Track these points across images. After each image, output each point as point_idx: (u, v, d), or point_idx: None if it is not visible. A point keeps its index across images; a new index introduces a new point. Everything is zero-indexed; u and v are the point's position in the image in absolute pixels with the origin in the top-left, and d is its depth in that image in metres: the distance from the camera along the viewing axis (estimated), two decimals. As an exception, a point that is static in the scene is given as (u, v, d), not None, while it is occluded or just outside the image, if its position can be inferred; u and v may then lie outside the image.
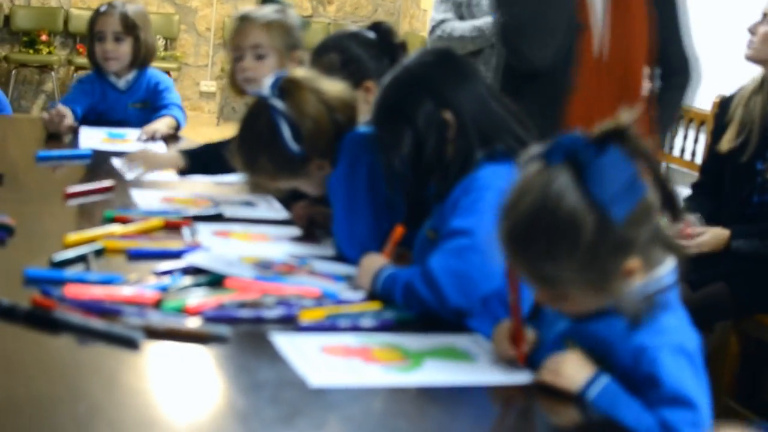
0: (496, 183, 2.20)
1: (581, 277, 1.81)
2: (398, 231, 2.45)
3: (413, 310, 2.31)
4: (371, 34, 3.08)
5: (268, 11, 3.58)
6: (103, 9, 4.53)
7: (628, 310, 1.85)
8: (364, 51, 3.03)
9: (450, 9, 4.86)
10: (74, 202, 3.12)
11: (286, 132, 2.59)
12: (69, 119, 4.26)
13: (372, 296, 2.38)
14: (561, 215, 1.77)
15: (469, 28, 4.76)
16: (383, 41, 3.07)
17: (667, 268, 1.88)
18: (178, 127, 4.45)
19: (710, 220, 3.87)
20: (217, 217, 3.03)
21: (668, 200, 1.84)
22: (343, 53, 3.02)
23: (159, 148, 4.08)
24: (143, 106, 4.57)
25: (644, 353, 1.85)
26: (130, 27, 4.49)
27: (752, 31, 3.89)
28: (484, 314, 2.28)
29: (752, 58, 3.91)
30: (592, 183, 1.77)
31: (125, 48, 4.50)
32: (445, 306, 2.26)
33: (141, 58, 4.56)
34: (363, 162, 2.64)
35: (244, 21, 3.57)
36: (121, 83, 4.57)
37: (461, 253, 2.26)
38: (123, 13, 4.48)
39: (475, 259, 2.24)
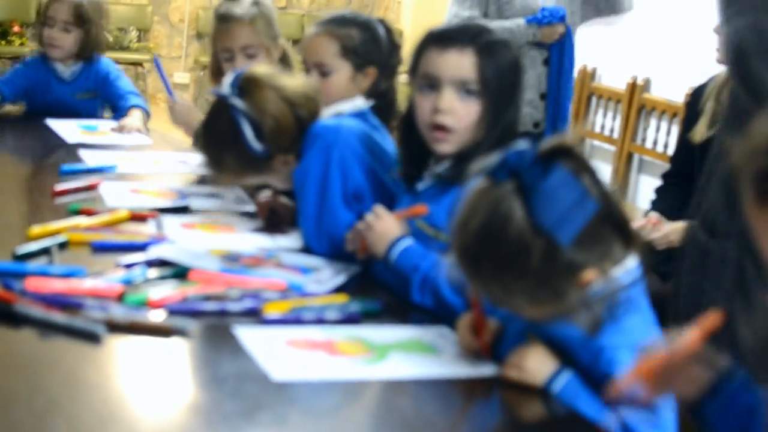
0: None
1: (532, 297, 1.79)
2: (420, 209, 2.42)
3: (426, 301, 2.32)
4: (382, 30, 3.05)
5: (247, 5, 3.55)
6: None
7: (584, 321, 1.83)
8: (379, 38, 3.01)
9: (476, 5, 4.64)
10: (61, 200, 3.10)
11: (248, 131, 2.57)
12: None
13: (379, 267, 2.43)
14: (508, 241, 1.74)
15: (499, 29, 4.47)
16: (388, 37, 3.05)
17: (627, 266, 1.84)
18: (147, 117, 4.43)
19: (680, 209, 3.87)
20: (184, 210, 3.00)
21: (619, 224, 1.81)
22: (365, 33, 2.99)
23: (142, 140, 4.11)
24: (92, 96, 4.54)
25: (602, 353, 1.84)
26: (81, 19, 4.43)
27: (718, 32, 3.86)
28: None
29: (723, 61, 3.87)
30: (538, 207, 1.73)
31: (71, 39, 4.45)
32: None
33: (88, 52, 4.51)
34: (334, 154, 2.62)
35: (230, 21, 3.53)
36: (66, 73, 4.51)
37: None
38: (77, 4, 4.42)
39: None
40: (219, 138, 2.65)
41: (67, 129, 4.17)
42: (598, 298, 1.80)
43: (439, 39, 2.42)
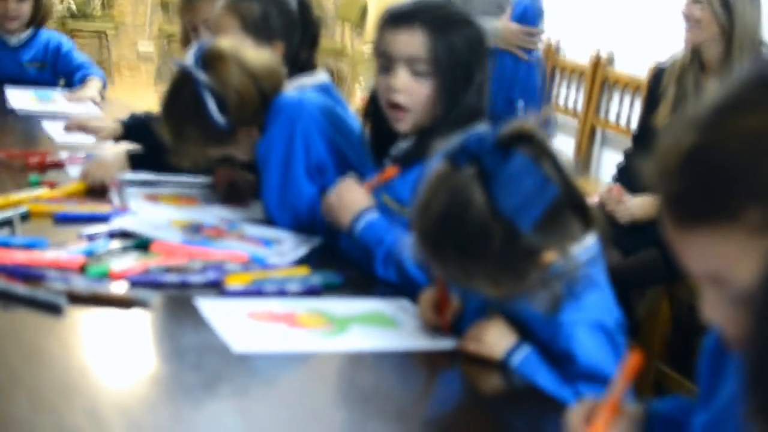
0: None
1: (493, 279, 1.80)
2: (391, 171, 2.43)
3: (390, 275, 2.33)
4: (293, 3, 3.05)
5: None
6: None
7: (544, 299, 1.84)
8: (280, 13, 3.01)
9: None
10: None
11: (211, 104, 2.56)
12: None
13: (344, 238, 2.43)
14: (468, 226, 1.75)
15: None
16: (302, 13, 3.05)
17: (586, 244, 1.85)
18: (104, 87, 4.42)
19: (641, 189, 3.89)
20: (147, 182, 3.00)
21: (578, 206, 1.82)
22: (267, 6, 2.99)
23: (93, 111, 4.06)
24: (41, 66, 4.52)
25: (560, 329, 1.85)
26: None
27: (687, 16, 3.88)
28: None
29: (693, 44, 3.90)
30: (498, 194, 1.74)
31: (26, 7, 4.44)
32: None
33: (39, 18, 4.51)
34: (297, 128, 2.63)
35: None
36: (13, 40, 4.49)
37: None
38: None
39: None
40: (181, 110, 2.64)
41: (20, 97, 4.17)
42: (557, 277, 1.81)
43: (392, 18, 2.42)
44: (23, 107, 3.99)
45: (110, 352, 1.86)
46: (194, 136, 2.63)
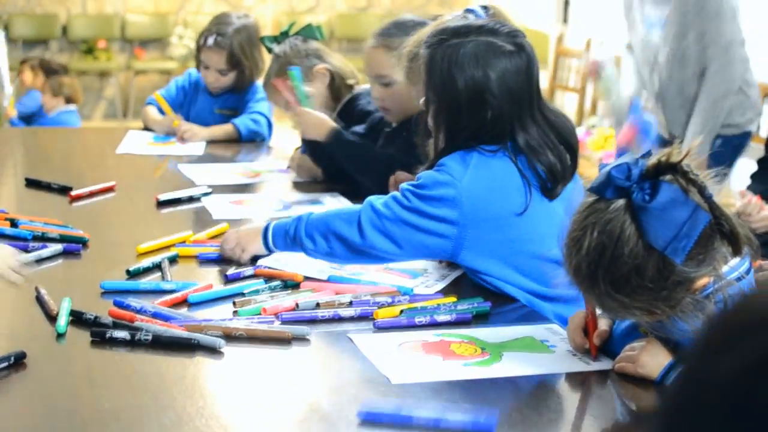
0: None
1: (647, 309, 1.80)
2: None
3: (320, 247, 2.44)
4: None
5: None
6: None
7: (695, 321, 1.82)
8: None
9: None
10: (79, 204, 3.21)
11: None
12: None
13: None
14: (622, 262, 1.76)
15: None
16: None
17: (734, 262, 1.83)
18: (239, 136, 4.50)
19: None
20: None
21: (728, 233, 1.80)
22: None
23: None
24: (232, 114, 4.54)
25: None
26: (234, 63, 4.46)
27: None
28: None
29: None
30: (650, 227, 1.74)
31: (227, 80, 4.50)
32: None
33: (244, 86, 4.55)
34: None
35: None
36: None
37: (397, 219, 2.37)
38: (229, 53, 4.43)
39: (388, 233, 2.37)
40: None
41: (137, 140, 4.32)
42: (709, 297, 1.80)
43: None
44: (137, 150, 4.14)
45: (271, 389, 1.89)
46: None
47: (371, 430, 1.71)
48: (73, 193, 3.24)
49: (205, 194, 3.29)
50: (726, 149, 4.16)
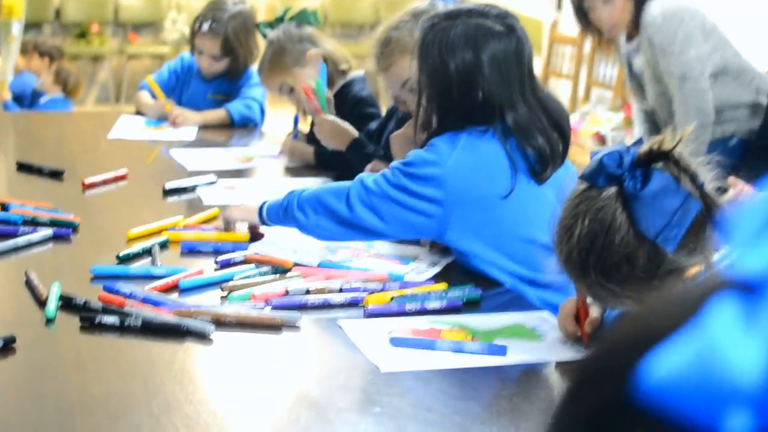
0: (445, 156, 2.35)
1: (638, 297, 1.79)
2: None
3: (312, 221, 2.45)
4: None
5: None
6: None
7: None
8: None
9: None
10: (93, 192, 3.19)
11: None
12: None
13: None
14: (613, 251, 1.75)
15: None
16: None
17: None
18: (233, 122, 4.49)
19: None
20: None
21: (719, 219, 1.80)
22: None
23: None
24: (225, 98, 4.54)
25: None
26: (228, 50, 4.47)
27: None
28: None
29: None
30: (641, 216, 1.73)
31: (220, 65, 4.51)
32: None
33: (238, 72, 4.56)
34: None
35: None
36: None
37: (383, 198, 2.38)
38: (224, 38, 4.43)
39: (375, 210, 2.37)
40: None
41: (129, 124, 4.32)
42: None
43: None
44: (130, 135, 4.14)
45: (261, 375, 1.89)
46: None
47: (359, 415, 1.71)
48: (87, 181, 3.22)
49: (211, 183, 3.29)
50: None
